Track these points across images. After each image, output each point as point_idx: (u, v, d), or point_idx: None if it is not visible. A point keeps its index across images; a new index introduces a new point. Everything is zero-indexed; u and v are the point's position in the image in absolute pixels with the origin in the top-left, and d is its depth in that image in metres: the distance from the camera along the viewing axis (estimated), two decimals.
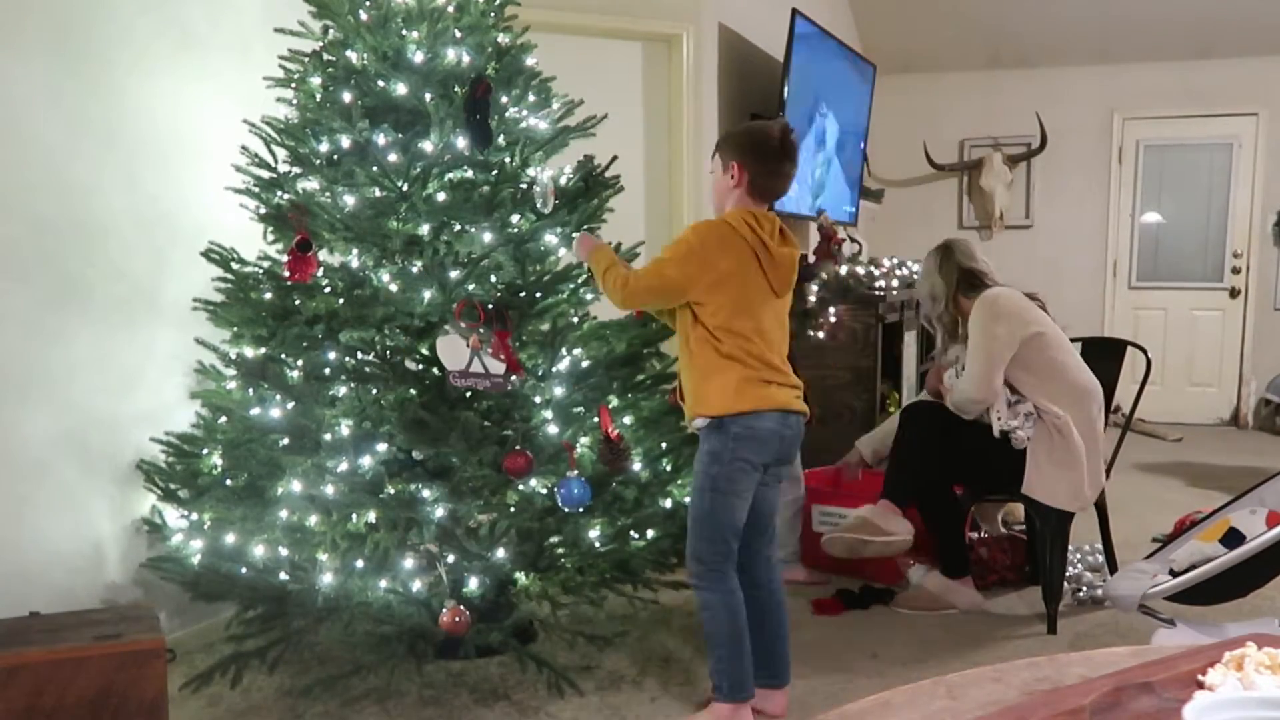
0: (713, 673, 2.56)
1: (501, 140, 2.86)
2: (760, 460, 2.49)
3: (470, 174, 2.84)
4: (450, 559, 2.62)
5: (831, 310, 5.05)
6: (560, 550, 2.75)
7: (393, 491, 2.64)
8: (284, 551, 2.63)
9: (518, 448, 2.62)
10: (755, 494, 2.54)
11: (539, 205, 2.79)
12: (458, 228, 2.79)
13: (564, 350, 2.82)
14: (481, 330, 2.60)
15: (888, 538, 3.27)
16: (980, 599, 3.46)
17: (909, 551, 3.59)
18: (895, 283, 5.60)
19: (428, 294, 2.69)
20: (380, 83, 2.80)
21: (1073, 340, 3.47)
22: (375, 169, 2.73)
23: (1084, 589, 3.52)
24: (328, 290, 2.74)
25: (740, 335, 2.45)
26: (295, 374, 2.71)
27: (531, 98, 2.99)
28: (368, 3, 2.83)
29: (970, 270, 3.43)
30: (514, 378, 2.64)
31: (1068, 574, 3.56)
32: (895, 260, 5.92)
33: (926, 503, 3.44)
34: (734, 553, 2.53)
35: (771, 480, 2.61)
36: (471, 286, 2.72)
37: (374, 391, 2.67)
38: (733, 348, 2.45)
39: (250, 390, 2.76)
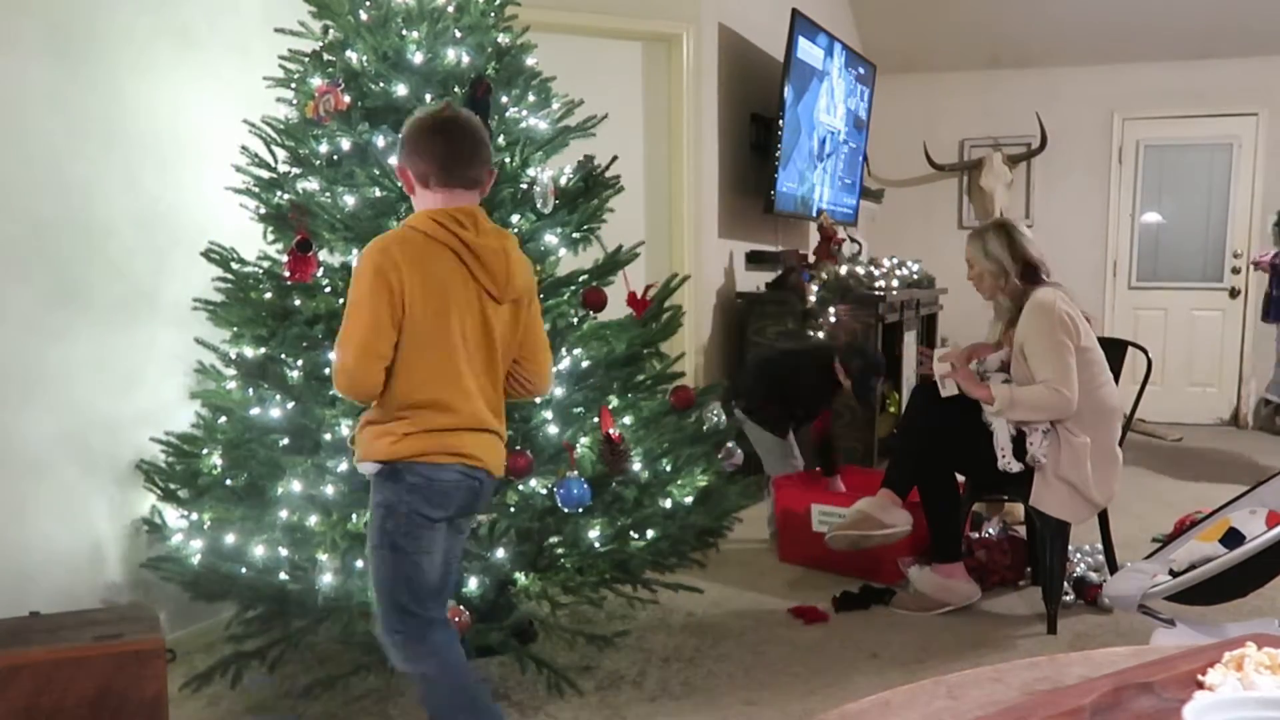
0: None
1: (501, 140, 2.86)
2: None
3: None
4: None
5: (831, 310, 5.05)
6: (560, 550, 2.75)
7: None
8: (284, 551, 2.63)
9: (518, 448, 2.62)
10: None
11: (539, 205, 2.79)
12: None
13: (564, 350, 2.82)
14: None
15: (887, 530, 3.28)
16: (976, 589, 3.45)
17: (909, 548, 3.60)
18: (895, 283, 5.61)
19: None
20: (380, 83, 2.80)
21: None
22: (375, 170, 2.73)
23: (1106, 598, 3.33)
24: (328, 290, 2.73)
25: None
26: (295, 374, 2.71)
27: (531, 98, 2.99)
28: (368, 3, 2.83)
29: (1031, 262, 3.30)
30: None
31: (1074, 575, 3.56)
32: (895, 260, 5.92)
33: (927, 484, 3.41)
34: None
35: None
36: None
37: None
38: None
39: (250, 390, 2.76)
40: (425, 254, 2.03)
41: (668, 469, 2.91)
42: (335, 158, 2.81)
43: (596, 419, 2.78)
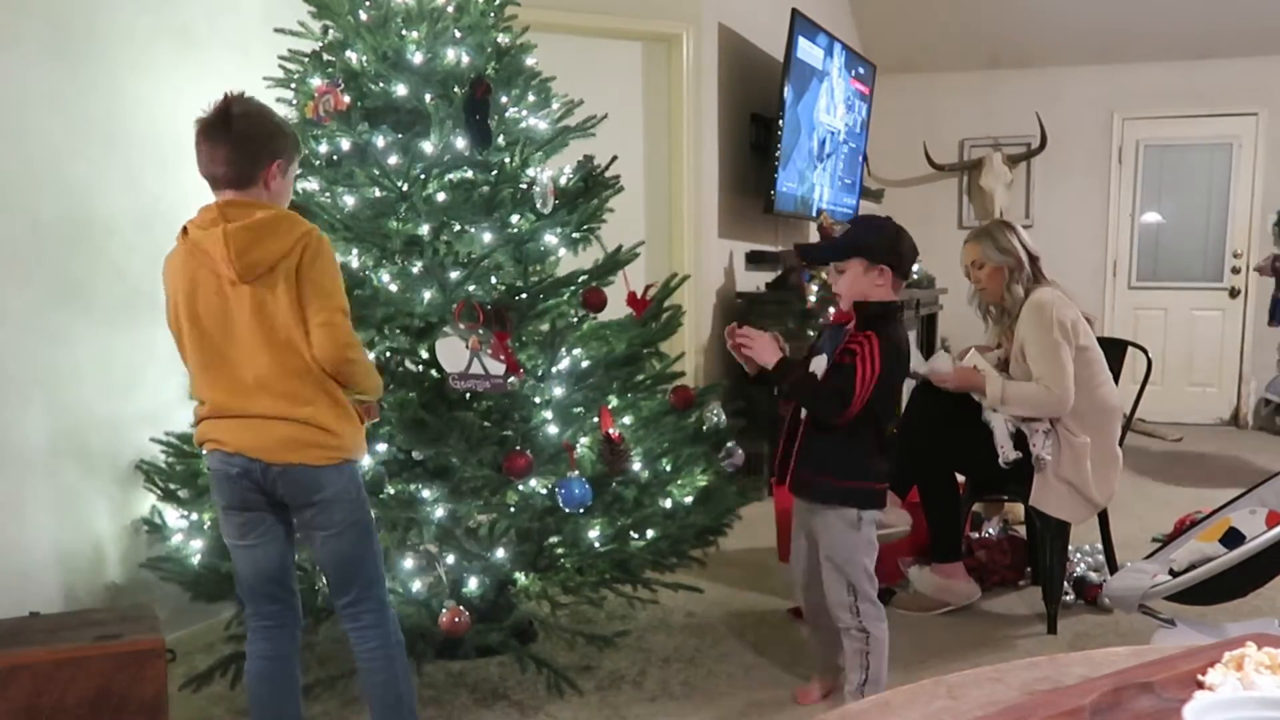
0: None
1: (501, 140, 2.86)
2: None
3: (470, 174, 2.84)
4: (450, 559, 2.62)
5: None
6: (560, 550, 2.75)
7: (393, 491, 2.64)
8: None
9: (518, 448, 2.62)
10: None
11: (539, 205, 2.79)
12: (458, 228, 2.79)
13: (564, 350, 2.82)
14: (481, 331, 2.60)
15: (886, 530, 3.28)
16: (975, 589, 3.46)
17: (909, 548, 3.60)
18: None
19: (428, 294, 2.69)
20: (380, 83, 2.80)
21: None
22: (375, 170, 2.73)
23: (1106, 598, 3.31)
24: None
25: None
26: None
27: (531, 98, 2.99)
28: (367, 3, 2.83)
29: (1036, 256, 3.31)
30: (513, 378, 2.64)
31: (1074, 575, 3.55)
32: None
33: (926, 484, 3.41)
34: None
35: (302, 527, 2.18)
36: (472, 287, 2.72)
37: None
38: None
39: None
40: (178, 259, 2.13)
41: (668, 469, 2.91)
42: (335, 158, 2.82)
43: (596, 419, 2.78)
